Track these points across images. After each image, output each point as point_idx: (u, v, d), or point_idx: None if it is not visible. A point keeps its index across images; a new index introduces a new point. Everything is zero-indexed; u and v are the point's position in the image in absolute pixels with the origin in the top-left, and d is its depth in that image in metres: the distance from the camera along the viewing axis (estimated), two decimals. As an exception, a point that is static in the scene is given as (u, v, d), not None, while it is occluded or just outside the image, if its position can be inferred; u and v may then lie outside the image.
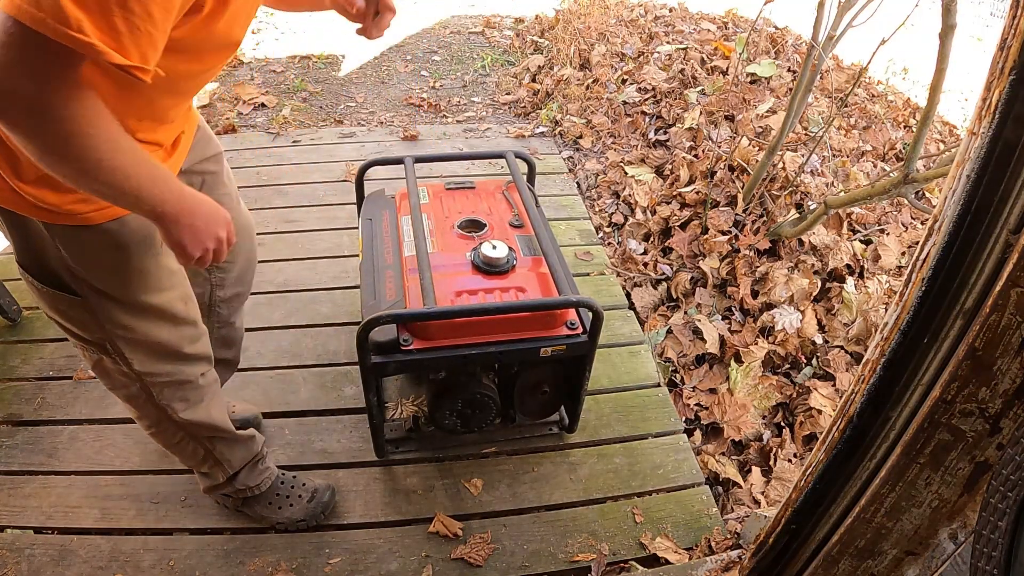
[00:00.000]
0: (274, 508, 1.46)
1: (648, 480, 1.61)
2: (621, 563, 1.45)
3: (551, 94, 3.51)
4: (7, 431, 1.67)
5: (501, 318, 1.37)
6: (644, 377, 1.89)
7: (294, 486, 1.49)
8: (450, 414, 1.50)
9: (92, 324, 1.03)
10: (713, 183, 2.41)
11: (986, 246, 0.71)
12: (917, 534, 0.88)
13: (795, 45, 3.33)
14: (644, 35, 3.67)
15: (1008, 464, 0.65)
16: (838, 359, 1.92)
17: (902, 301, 0.81)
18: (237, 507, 1.48)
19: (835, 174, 2.41)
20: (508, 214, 1.69)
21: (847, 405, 0.93)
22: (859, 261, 2.14)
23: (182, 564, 1.39)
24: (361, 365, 1.34)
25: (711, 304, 2.13)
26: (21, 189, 0.86)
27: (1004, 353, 0.69)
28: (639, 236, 2.47)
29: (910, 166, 1.69)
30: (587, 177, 2.85)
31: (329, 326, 2.01)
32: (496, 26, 4.60)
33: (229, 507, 1.49)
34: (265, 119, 3.25)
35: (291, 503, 1.47)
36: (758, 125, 2.61)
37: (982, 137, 0.68)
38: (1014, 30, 0.63)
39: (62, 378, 1.82)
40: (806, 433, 1.77)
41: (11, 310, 1.95)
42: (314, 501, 1.47)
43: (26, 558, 1.39)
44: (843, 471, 0.98)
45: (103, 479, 1.56)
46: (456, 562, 1.42)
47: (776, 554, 1.16)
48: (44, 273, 0.97)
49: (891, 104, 3.03)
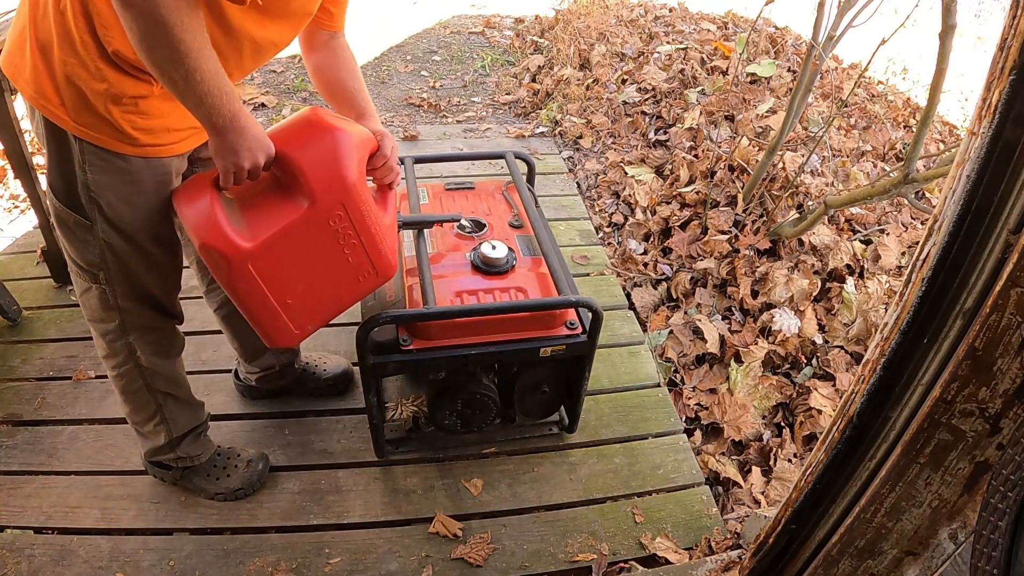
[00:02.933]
0: (212, 479, 1.51)
1: (648, 480, 1.61)
2: (621, 563, 1.45)
3: (551, 94, 3.51)
4: (7, 431, 1.67)
5: (501, 318, 1.37)
6: (644, 377, 1.89)
7: (230, 457, 1.54)
8: (450, 414, 1.50)
9: (93, 249, 1.13)
10: (713, 183, 2.41)
11: (986, 246, 0.71)
12: (917, 534, 0.88)
13: (795, 45, 3.33)
14: (644, 35, 3.67)
15: (1008, 464, 0.65)
16: (838, 359, 1.92)
17: (902, 301, 0.81)
18: (175, 480, 1.52)
19: (835, 174, 2.41)
20: (508, 214, 1.69)
21: (847, 405, 0.93)
22: (859, 261, 2.14)
23: (182, 564, 1.39)
24: (361, 365, 1.34)
25: (711, 304, 2.13)
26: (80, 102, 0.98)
27: (1004, 353, 0.69)
28: (639, 236, 2.47)
29: (910, 166, 1.69)
30: (587, 177, 2.85)
31: (329, 326, 1.99)
32: (496, 26, 4.60)
33: (167, 480, 1.53)
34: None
35: (228, 473, 1.52)
36: (758, 125, 2.61)
37: (982, 137, 0.68)
38: (1014, 30, 0.63)
39: (62, 378, 1.82)
40: (806, 433, 1.77)
41: (11, 310, 1.95)
42: (250, 469, 1.53)
43: (26, 558, 1.39)
44: (843, 471, 0.98)
45: (103, 479, 1.56)
46: (456, 562, 1.42)
47: (776, 554, 1.16)
48: (67, 192, 1.08)
49: (891, 104, 3.04)
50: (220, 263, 1.03)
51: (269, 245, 1.06)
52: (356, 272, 1.20)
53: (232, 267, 1.03)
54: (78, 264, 1.17)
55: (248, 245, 1.04)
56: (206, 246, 1.02)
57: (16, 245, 2.36)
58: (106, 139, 1.02)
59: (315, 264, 1.14)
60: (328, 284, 1.18)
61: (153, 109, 1.04)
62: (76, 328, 1.98)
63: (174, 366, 1.38)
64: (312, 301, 1.17)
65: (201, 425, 1.48)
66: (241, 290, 1.07)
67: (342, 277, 1.19)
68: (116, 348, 1.27)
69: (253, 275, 1.06)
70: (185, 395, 1.42)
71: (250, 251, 1.04)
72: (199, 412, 1.48)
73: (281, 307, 1.12)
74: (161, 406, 1.37)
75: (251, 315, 1.12)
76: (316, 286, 1.16)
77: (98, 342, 1.29)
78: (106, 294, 1.19)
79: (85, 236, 1.12)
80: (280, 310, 1.12)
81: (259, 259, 1.06)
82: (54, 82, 0.97)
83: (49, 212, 1.13)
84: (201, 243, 1.02)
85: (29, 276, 2.17)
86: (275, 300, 1.11)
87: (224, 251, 1.02)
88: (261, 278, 1.07)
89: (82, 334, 1.96)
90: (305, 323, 1.18)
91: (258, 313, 1.11)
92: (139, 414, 1.39)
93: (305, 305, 1.15)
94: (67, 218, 1.10)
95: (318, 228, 1.10)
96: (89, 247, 1.13)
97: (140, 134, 1.04)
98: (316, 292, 1.17)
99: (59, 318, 2.01)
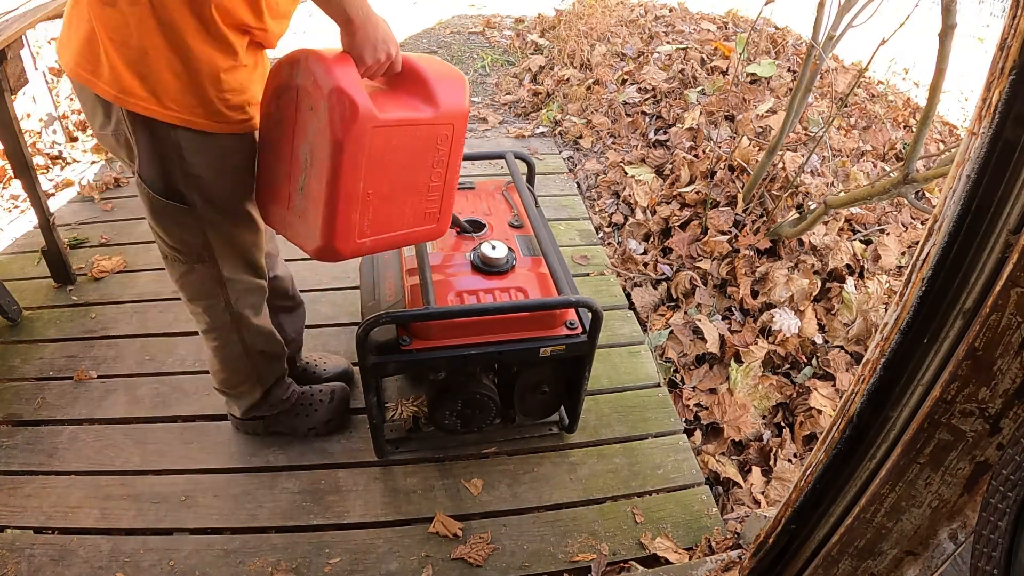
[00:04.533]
0: (302, 417, 1.62)
1: (648, 480, 1.61)
2: (621, 563, 1.45)
3: (551, 94, 3.51)
4: (7, 431, 1.67)
5: (501, 318, 1.37)
6: (644, 377, 1.89)
7: (313, 393, 1.66)
8: (450, 414, 1.50)
9: (195, 232, 1.20)
10: (713, 183, 2.41)
11: (986, 246, 0.71)
12: (917, 534, 0.88)
13: (795, 45, 3.33)
14: (644, 35, 3.67)
15: (1008, 464, 0.65)
16: (838, 359, 1.92)
17: (902, 301, 0.81)
18: (268, 428, 1.63)
19: (835, 174, 2.41)
20: (508, 214, 1.69)
21: (847, 405, 0.93)
22: (859, 261, 2.14)
23: (182, 564, 1.39)
24: (361, 365, 1.34)
25: (711, 304, 2.13)
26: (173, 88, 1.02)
27: (1004, 353, 0.69)
28: (639, 236, 2.47)
29: (910, 166, 1.69)
30: (587, 177, 2.85)
31: (329, 326, 2.01)
32: (496, 26, 4.60)
33: (259, 432, 1.64)
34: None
35: (315, 408, 1.64)
36: (758, 125, 2.61)
37: (982, 137, 0.68)
38: (1014, 30, 0.63)
39: (62, 378, 1.82)
40: (806, 433, 1.77)
41: (11, 310, 1.95)
42: (335, 400, 1.66)
43: (26, 558, 1.39)
44: (843, 471, 0.98)
45: (103, 479, 1.56)
46: (456, 562, 1.42)
47: (776, 554, 1.16)
48: (164, 182, 1.13)
49: (891, 104, 3.03)
50: (347, 114, 1.01)
51: (392, 127, 1.08)
52: (425, 205, 1.23)
53: (356, 123, 1.02)
54: (177, 249, 1.23)
55: (378, 114, 1.05)
56: (342, 92, 1.00)
57: (16, 245, 2.36)
58: (201, 121, 1.07)
59: (407, 173, 1.16)
60: (403, 203, 1.19)
61: (240, 82, 1.08)
62: (76, 328, 1.98)
63: (267, 319, 1.46)
64: (384, 210, 1.16)
65: (283, 371, 1.57)
66: (347, 155, 1.04)
67: (415, 205, 1.22)
68: (222, 320, 1.35)
69: (365, 144, 1.05)
70: (277, 348, 1.50)
71: (378, 120, 1.05)
72: (283, 361, 1.56)
73: (362, 197, 1.11)
74: (256, 365, 1.47)
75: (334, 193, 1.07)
76: (395, 197, 1.17)
77: (200, 318, 1.35)
78: (210, 271, 1.26)
79: (185, 221, 1.18)
80: (359, 200, 1.10)
81: (378, 134, 1.06)
82: (141, 76, 1.00)
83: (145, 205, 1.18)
84: (337, 87, 1.00)
85: (29, 276, 2.17)
86: (364, 184, 1.10)
87: (358, 103, 1.01)
88: (367, 154, 1.06)
89: (82, 334, 1.96)
90: (367, 231, 1.15)
91: (342, 191, 1.07)
92: (236, 377, 1.48)
93: (377, 210, 1.15)
94: (165, 208, 1.15)
95: (427, 139, 1.15)
96: (190, 231, 1.20)
97: (232, 112, 1.09)
98: (391, 203, 1.17)
99: (59, 318, 2.02)
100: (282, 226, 1.19)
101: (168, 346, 1.93)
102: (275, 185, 1.17)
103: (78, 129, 3.03)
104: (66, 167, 2.81)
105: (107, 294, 2.11)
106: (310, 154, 1.07)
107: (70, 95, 3.17)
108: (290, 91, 1.08)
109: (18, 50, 1.89)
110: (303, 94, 1.05)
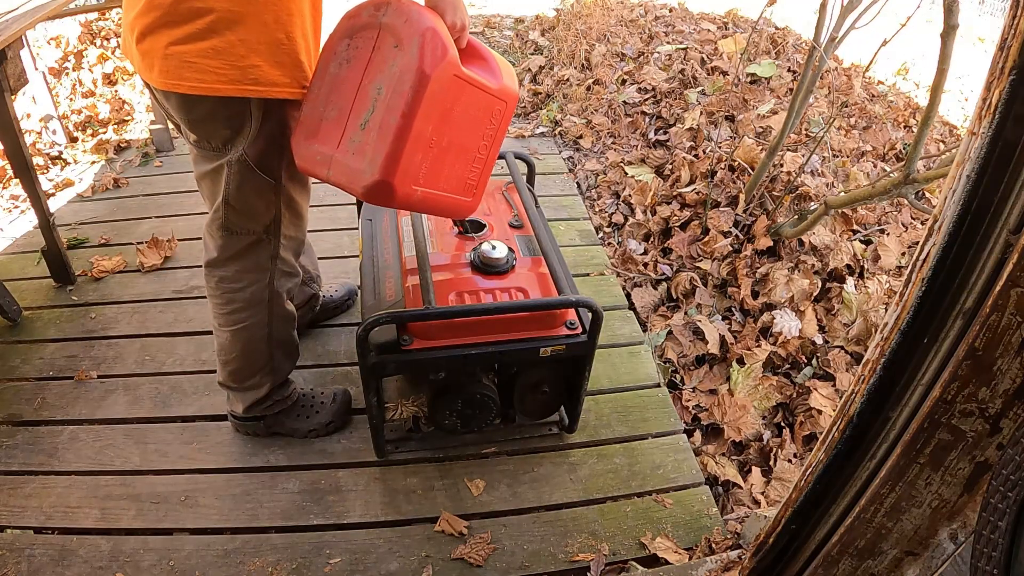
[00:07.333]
0: (303, 419, 1.62)
1: (648, 480, 1.61)
2: (621, 563, 1.45)
3: (551, 94, 3.51)
4: (7, 431, 1.67)
5: (501, 318, 1.37)
6: (644, 377, 1.89)
7: (315, 395, 1.67)
8: (450, 414, 1.50)
9: (271, 206, 1.27)
10: (713, 183, 2.41)
11: (986, 246, 0.71)
12: (917, 534, 0.88)
13: (795, 45, 3.33)
14: (644, 35, 3.67)
15: (1008, 464, 0.65)
16: (838, 359, 1.91)
17: (902, 301, 0.81)
18: (269, 429, 1.62)
19: (835, 174, 2.41)
20: (508, 214, 1.69)
21: (847, 405, 0.93)
22: (859, 261, 2.14)
23: (182, 564, 1.39)
24: (361, 365, 1.34)
25: (711, 304, 2.13)
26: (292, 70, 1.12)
27: (1004, 353, 0.69)
28: (639, 236, 2.47)
29: (910, 166, 1.69)
30: (587, 177, 2.85)
31: (329, 326, 2.01)
32: (496, 26, 4.60)
33: (259, 433, 1.63)
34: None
35: (316, 410, 1.64)
36: (759, 125, 2.61)
37: (982, 137, 0.68)
38: (1014, 30, 0.63)
39: (62, 378, 1.82)
40: (806, 433, 1.77)
41: (11, 310, 1.96)
42: (336, 402, 1.65)
43: (26, 558, 1.39)
44: (843, 471, 0.98)
45: (103, 479, 1.56)
46: (456, 562, 1.42)
47: (776, 554, 1.16)
48: (265, 159, 1.20)
49: (891, 104, 3.03)
50: (438, 52, 1.05)
51: (466, 83, 1.13)
52: (468, 174, 1.26)
53: (442, 64, 1.06)
54: (247, 228, 1.28)
55: (461, 65, 1.10)
56: (436, 33, 1.05)
57: (16, 245, 2.36)
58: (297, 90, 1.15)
59: (464, 135, 1.20)
60: (454, 163, 1.22)
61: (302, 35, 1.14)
62: (76, 328, 1.98)
63: (292, 306, 1.51)
64: (437, 164, 1.18)
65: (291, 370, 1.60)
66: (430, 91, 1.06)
67: (462, 170, 1.24)
68: (261, 296, 1.38)
69: (444, 87, 1.08)
70: (293, 346, 1.55)
71: (460, 70, 1.10)
72: (295, 360, 1.59)
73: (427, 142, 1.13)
74: (272, 356, 1.48)
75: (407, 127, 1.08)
76: (449, 153, 1.19)
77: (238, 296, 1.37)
78: (270, 245, 1.32)
79: (268, 196, 1.24)
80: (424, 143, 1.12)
81: (454, 84, 1.10)
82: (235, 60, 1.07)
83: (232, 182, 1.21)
84: (432, 28, 1.05)
85: (29, 276, 2.17)
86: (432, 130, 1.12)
87: (447, 47, 1.06)
88: (438, 102, 1.09)
89: (82, 334, 1.96)
90: (421, 180, 1.16)
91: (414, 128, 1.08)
92: (250, 367, 1.48)
93: (433, 162, 1.17)
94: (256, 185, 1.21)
95: (486, 109, 1.20)
96: (269, 206, 1.26)
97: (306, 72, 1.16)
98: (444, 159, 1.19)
99: (59, 318, 2.02)
100: (324, 166, 1.15)
101: (168, 346, 1.93)
102: (324, 124, 1.16)
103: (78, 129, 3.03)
104: (66, 167, 2.82)
105: (107, 294, 2.12)
106: (384, 89, 1.09)
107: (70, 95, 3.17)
108: (370, 30, 1.12)
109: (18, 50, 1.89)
110: (387, 32, 1.09)
